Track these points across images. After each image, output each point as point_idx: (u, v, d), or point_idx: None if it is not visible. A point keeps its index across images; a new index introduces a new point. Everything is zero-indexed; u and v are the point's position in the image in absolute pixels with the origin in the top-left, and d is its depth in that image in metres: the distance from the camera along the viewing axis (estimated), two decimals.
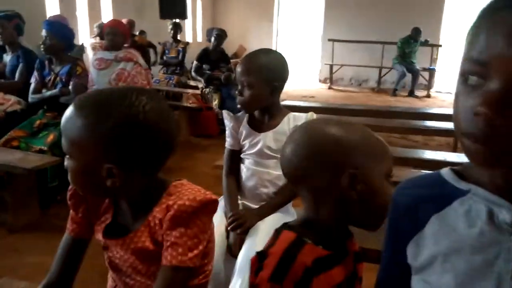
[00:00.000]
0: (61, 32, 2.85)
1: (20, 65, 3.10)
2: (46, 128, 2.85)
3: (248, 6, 9.63)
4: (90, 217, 0.92)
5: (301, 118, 1.45)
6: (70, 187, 0.90)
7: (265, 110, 1.47)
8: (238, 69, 1.41)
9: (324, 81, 9.57)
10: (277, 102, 1.49)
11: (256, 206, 1.45)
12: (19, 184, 2.56)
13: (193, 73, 4.87)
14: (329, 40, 8.77)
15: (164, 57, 5.28)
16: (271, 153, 1.45)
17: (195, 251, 0.77)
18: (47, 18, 2.93)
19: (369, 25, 8.56)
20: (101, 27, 5.59)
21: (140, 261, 0.83)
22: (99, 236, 0.90)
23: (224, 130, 1.58)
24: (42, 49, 2.82)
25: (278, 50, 1.52)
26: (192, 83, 5.00)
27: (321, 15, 9.62)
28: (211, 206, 0.81)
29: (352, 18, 8.82)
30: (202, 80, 4.75)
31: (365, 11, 8.64)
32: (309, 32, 10.52)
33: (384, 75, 8.62)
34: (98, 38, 5.35)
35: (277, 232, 0.75)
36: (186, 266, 0.77)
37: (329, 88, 8.95)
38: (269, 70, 1.39)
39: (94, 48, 4.66)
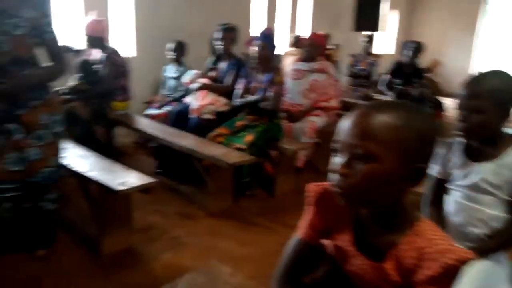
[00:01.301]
0: (271, 44, 3.15)
1: (231, 72, 3.53)
2: (245, 129, 3.18)
3: (449, 18, 8.83)
4: (329, 224, 0.91)
5: None
6: (312, 190, 0.92)
7: (487, 137, 1.30)
8: (462, 92, 1.28)
9: None
10: (501, 129, 1.31)
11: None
12: (220, 175, 2.92)
13: (382, 87, 4.73)
14: None
15: (353, 69, 5.28)
16: (489, 188, 1.27)
17: None
18: (262, 31, 3.24)
19: None
20: (297, 38, 5.94)
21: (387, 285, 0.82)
22: (338, 242, 0.89)
23: None
24: (253, 59, 3.16)
25: (501, 70, 1.30)
26: (379, 97, 4.86)
27: None
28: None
29: None
30: (391, 95, 4.56)
31: None
32: None
33: None
34: (294, 48, 5.71)
35: None
36: None
37: None
38: (503, 92, 1.23)
39: (289, 58, 4.98)
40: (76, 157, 2.50)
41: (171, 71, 4.12)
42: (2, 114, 1.95)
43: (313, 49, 3.70)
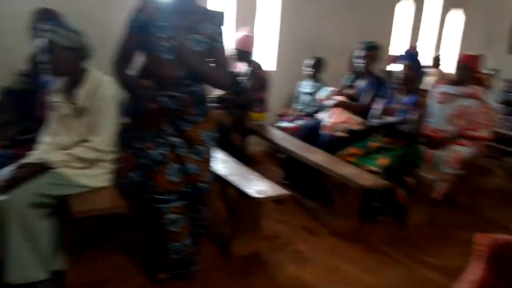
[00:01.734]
0: (418, 64, 2.99)
1: (369, 90, 3.44)
2: (380, 151, 3.05)
3: None
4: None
5: None
6: (484, 242, 0.85)
7: None
8: None
9: None
10: None
11: None
12: (348, 195, 2.85)
13: None
14: None
15: (507, 96, 4.69)
16: None
17: None
18: (407, 49, 3.10)
19: None
20: (437, 58, 5.53)
21: None
22: None
23: None
24: (397, 79, 3.03)
25: None
26: None
27: None
28: None
29: None
30: None
31: None
32: None
33: None
34: (434, 68, 5.33)
35: None
36: None
37: None
38: None
39: (431, 79, 4.66)
40: (218, 161, 2.70)
41: (306, 86, 4.19)
42: (171, 129, 2.00)
43: (466, 72, 3.39)
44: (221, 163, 2.66)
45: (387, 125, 3.13)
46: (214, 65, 2.06)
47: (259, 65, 3.65)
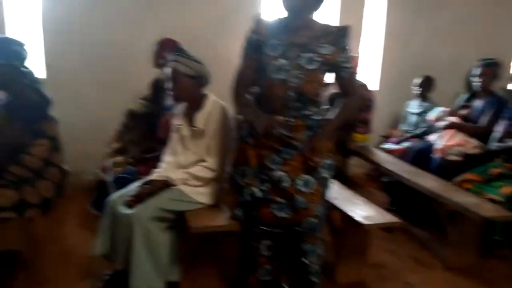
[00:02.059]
0: None
1: (488, 111, 3.14)
2: (502, 179, 2.76)
3: None
4: None
5: None
6: None
7: None
8: None
9: None
10: None
11: None
12: (466, 226, 2.60)
13: None
14: None
15: None
16: None
17: None
18: None
19: None
20: None
21: None
22: None
23: None
24: None
25: None
26: None
27: None
28: None
29: None
30: None
31: None
32: None
33: None
34: None
35: None
36: None
37: None
38: None
39: None
40: None
41: (414, 106, 3.98)
42: (276, 158, 1.87)
43: None
44: None
45: (510, 150, 2.82)
46: (339, 91, 1.96)
47: (364, 85, 3.57)
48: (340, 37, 1.84)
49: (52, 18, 3.39)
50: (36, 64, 3.28)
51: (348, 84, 1.95)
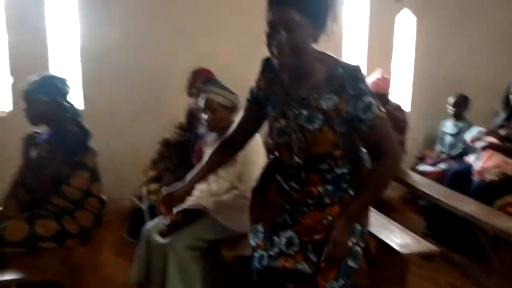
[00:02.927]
0: None
1: None
2: None
3: None
4: None
5: None
6: None
7: None
8: None
9: None
10: None
11: None
12: (508, 251, 2.49)
13: None
14: None
15: None
16: None
17: None
18: None
19: None
20: None
21: None
22: None
23: None
24: None
25: None
26: None
27: None
28: None
29: None
30: None
31: None
32: None
33: None
34: None
35: None
36: None
37: None
38: None
39: None
40: None
41: (449, 126, 3.88)
42: (286, 218, 1.46)
43: None
44: None
45: None
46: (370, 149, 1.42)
47: (397, 107, 3.52)
48: (348, 81, 1.30)
49: (89, 51, 3.57)
50: (75, 96, 3.44)
51: (373, 139, 1.36)
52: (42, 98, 2.09)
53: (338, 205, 1.41)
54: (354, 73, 1.32)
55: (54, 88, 2.13)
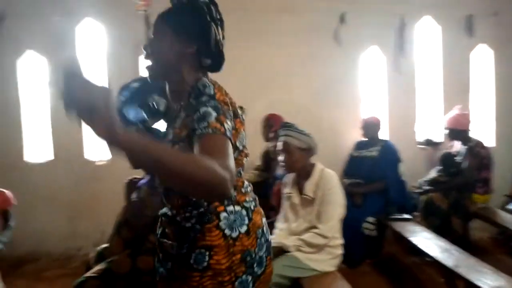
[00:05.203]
0: None
1: None
2: None
3: None
4: None
5: None
6: None
7: None
8: None
9: None
10: None
11: None
12: None
13: None
14: None
15: None
16: None
17: None
18: None
19: None
20: None
21: None
22: None
23: None
24: None
25: None
26: None
27: None
28: None
29: None
30: None
31: None
32: None
33: None
34: None
35: None
36: None
37: None
38: None
39: None
40: (439, 249, 2.54)
41: None
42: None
43: None
44: (443, 252, 2.49)
45: None
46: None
47: (479, 143, 3.39)
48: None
49: None
50: None
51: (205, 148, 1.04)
52: None
53: (205, 231, 1.18)
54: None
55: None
